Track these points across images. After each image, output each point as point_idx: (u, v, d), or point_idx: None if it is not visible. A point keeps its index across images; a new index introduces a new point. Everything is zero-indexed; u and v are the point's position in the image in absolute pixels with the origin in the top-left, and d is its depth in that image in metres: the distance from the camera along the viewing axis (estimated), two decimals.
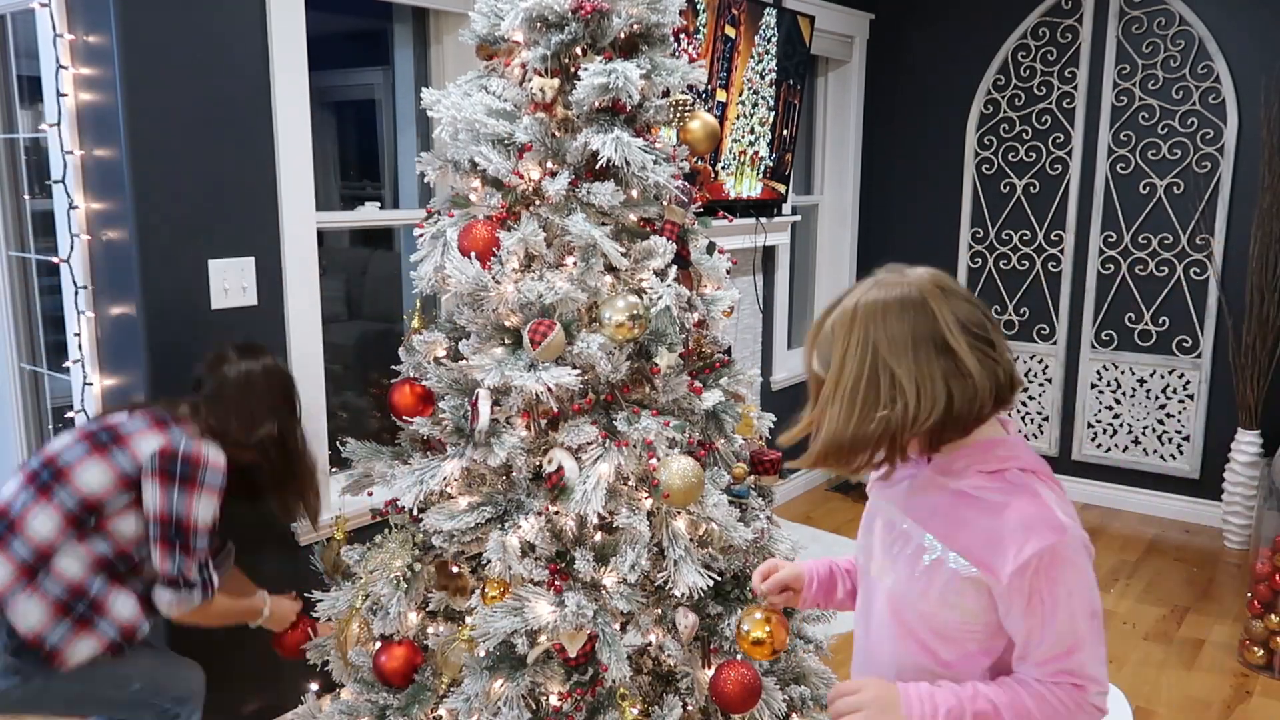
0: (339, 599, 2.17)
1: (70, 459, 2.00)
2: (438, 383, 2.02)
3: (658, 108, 2.04)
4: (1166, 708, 3.06)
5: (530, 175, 2.00)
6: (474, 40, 2.12)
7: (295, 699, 2.52)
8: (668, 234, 2.02)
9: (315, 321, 2.70)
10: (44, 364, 2.99)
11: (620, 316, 1.89)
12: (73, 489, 1.98)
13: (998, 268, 5.02)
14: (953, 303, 1.26)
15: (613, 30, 1.96)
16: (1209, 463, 4.56)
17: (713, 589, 2.01)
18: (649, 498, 1.93)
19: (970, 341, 1.24)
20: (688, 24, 3.51)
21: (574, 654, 1.87)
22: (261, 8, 2.47)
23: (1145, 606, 3.77)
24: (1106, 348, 4.77)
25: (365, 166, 3.52)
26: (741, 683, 1.92)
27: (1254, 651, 3.29)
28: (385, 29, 3.23)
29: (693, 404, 2.04)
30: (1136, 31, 4.51)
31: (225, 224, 2.46)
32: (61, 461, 2.00)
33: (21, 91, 2.84)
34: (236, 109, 2.44)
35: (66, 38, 2.32)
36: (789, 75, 4.23)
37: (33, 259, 2.92)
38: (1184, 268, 4.53)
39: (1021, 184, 4.89)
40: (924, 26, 5.07)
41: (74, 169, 2.39)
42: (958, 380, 1.23)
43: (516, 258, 1.95)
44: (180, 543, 2.01)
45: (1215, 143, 4.38)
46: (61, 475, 1.99)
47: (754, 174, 4.18)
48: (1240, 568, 4.15)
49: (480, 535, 1.98)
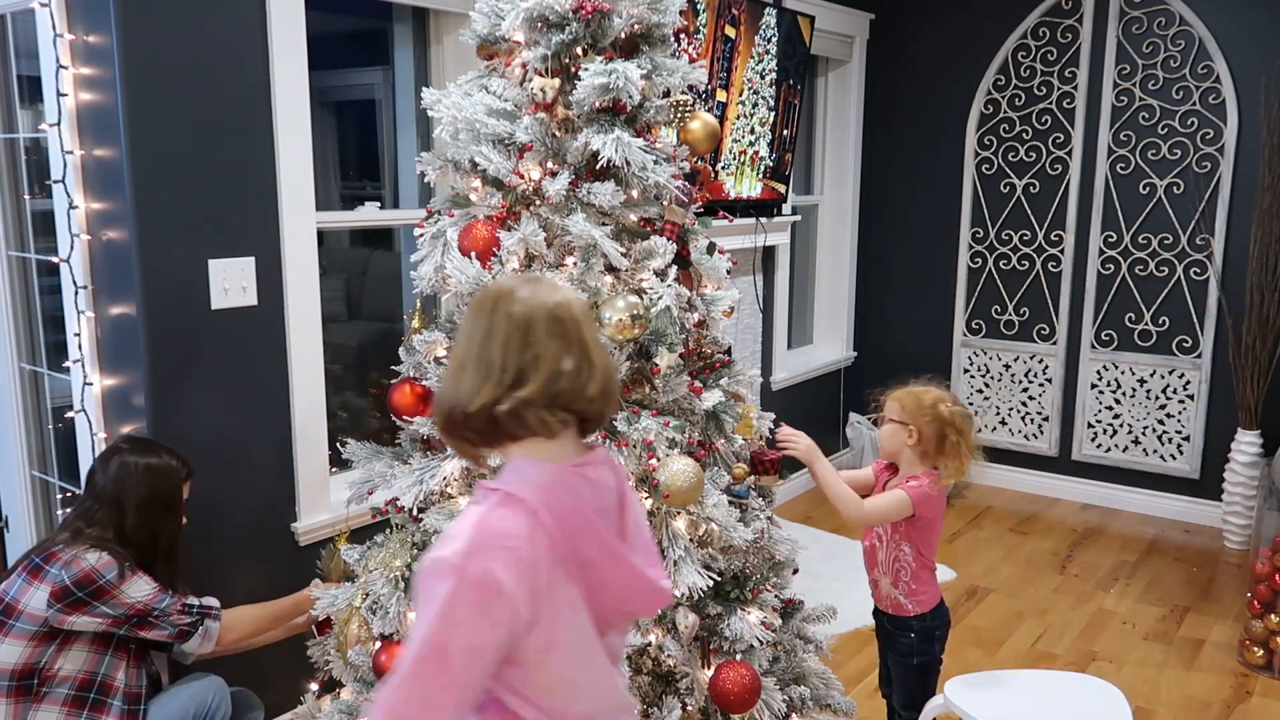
0: (339, 598, 2.18)
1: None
2: (437, 383, 2.02)
3: (658, 108, 2.04)
4: (1166, 708, 3.06)
5: (530, 175, 2.00)
6: (474, 40, 2.12)
7: (295, 699, 2.52)
8: (668, 234, 2.02)
9: (315, 321, 2.70)
10: (44, 364, 2.99)
11: (620, 316, 1.89)
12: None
13: (998, 268, 5.02)
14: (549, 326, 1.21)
15: (613, 30, 1.96)
16: (1209, 463, 4.56)
17: (713, 589, 2.01)
18: (649, 498, 1.93)
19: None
20: (688, 24, 3.51)
21: None
22: (261, 8, 2.47)
23: (1145, 606, 3.77)
24: (1106, 348, 4.77)
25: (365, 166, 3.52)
26: (741, 683, 1.93)
27: (1254, 651, 3.29)
28: (385, 29, 3.22)
29: (693, 404, 2.04)
30: (1136, 31, 4.51)
31: (225, 224, 2.46)
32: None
33: (21, 91, 2.84)
34: (236, 109, 2.44)
35: (66, 38, 2.32)
36: (789, 75, 4.23)
37: (33, 259, 2.92)
38: (1184, 268, 4.53)
39: (1021, 184, 4.89)
40: (924, 26, 5.07)
41: (74, 169, 2.39)
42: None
43: (517, 258, 1.95)
44: (152, 617, 2.04)
45: (1215, 143, 4.38)
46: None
47: (754, 174, 4.18)
48: (1240, 568, 4.15)
49: None
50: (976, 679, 2.34)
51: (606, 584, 1.26)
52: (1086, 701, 2.26)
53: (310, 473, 2.72)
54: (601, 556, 1.24)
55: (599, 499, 1.28)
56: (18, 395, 3.02)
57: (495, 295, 1.25)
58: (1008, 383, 5.07)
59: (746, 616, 2.04)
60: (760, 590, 2.10)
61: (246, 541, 2.60)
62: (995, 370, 5.10)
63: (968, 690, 2.28)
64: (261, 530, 2.62)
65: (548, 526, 1.19)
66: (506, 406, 1.20)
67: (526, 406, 1.20)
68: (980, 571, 4.06)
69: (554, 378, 1.21)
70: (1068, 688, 2.34)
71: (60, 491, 3.03)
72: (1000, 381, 5.10)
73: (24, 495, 3.08)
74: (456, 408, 1.23)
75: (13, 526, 3.14)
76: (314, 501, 2.73)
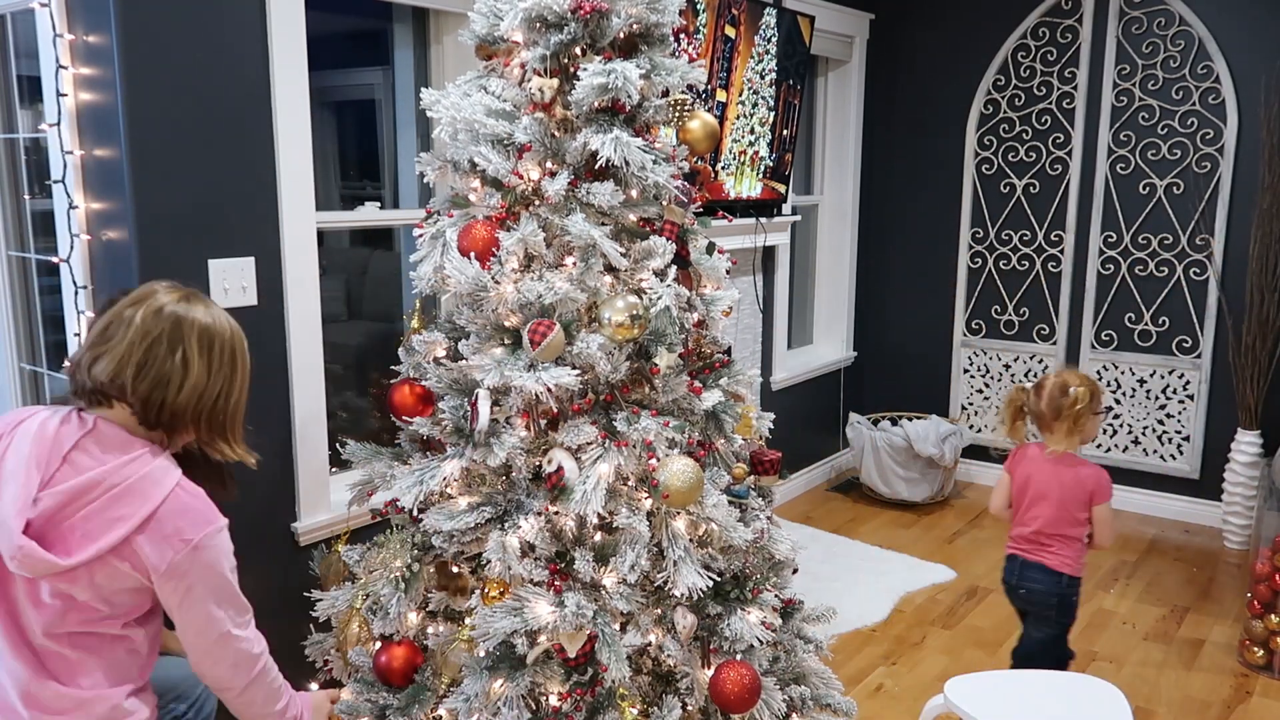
0: (339, 599, 2.18)
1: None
2: (437, 383, 2.03)
3: (657, 108, 2.04)
4: (1166, 708, 3.06)
5: (530, 175, 2.00)
6: (474, 40, 2.12)
7: None
8: (667, 234, 2.02)
9: (315, 321, 2.70)
10: (44, 364, 2.99)
11: (620, 316, 1.89)
12: None
13: (998, 268, 5.02)
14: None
15: (612, 30, 1.96)
16: (1209, 463, 4.56)
17: (712, 589, 2.01)
18: (649, 498, 1.93)
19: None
20: (687, 24, 3.51)
21: (574, 654, 1.87)
22: (261, 8, 2.47)
23: (1145, 606, 3.77)
24: (1106, 348, 4.77)
25: (365, 166, 3.51)
26: (741, 683, 1.93)
27: (1254, 651, 3.29)
28: (385, 29, 3.22)
29: (692, 404, 2.04)
30: (1136, 31, 4.51)
31: (225, 224, 2.46)
32: None
33: (21, 91, 2.84)
34: (236, 109, 2.44)
35: (66, 38, 2.32)
36: (789, 75, 4.23)
37: (33, 259, 2.92)
38: (1184, 268, 4.53)
39: (1021, 184, 4.89)
40: (924, 26, 5.07)
41: (74, 169, 2.39)
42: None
43: (516, 258, 1.95)
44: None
45: (1215, 143, 4.38)
46: None
47: (754, 174, 4.18)
48: (1240, 568, 4.15)
49: (480, 535, 1.98)
50: (976, 679, 2.34)
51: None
52: (1086, 701, 2.26)
53: (310, 473, 2.72)
54: None
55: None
56: (18, 395, 3.02)
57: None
58: (1007, 383, 5.07)
59: (746, 616, 2.04)
60: (760, 590, 2.10)
61: (246, 542, 2.58)
62: (995, 370, 5.10)
63: (968, 690, 2.28)
64: (261, 530, 2.62)
65: None
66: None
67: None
68: (980, 571, 4.05)
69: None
70: (1068, 688, 2.34)
71: None
72: (1000, 382, 5.10)
73: None
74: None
75: None
76: (314, 502, 2.73)
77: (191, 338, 1.58)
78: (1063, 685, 2.36)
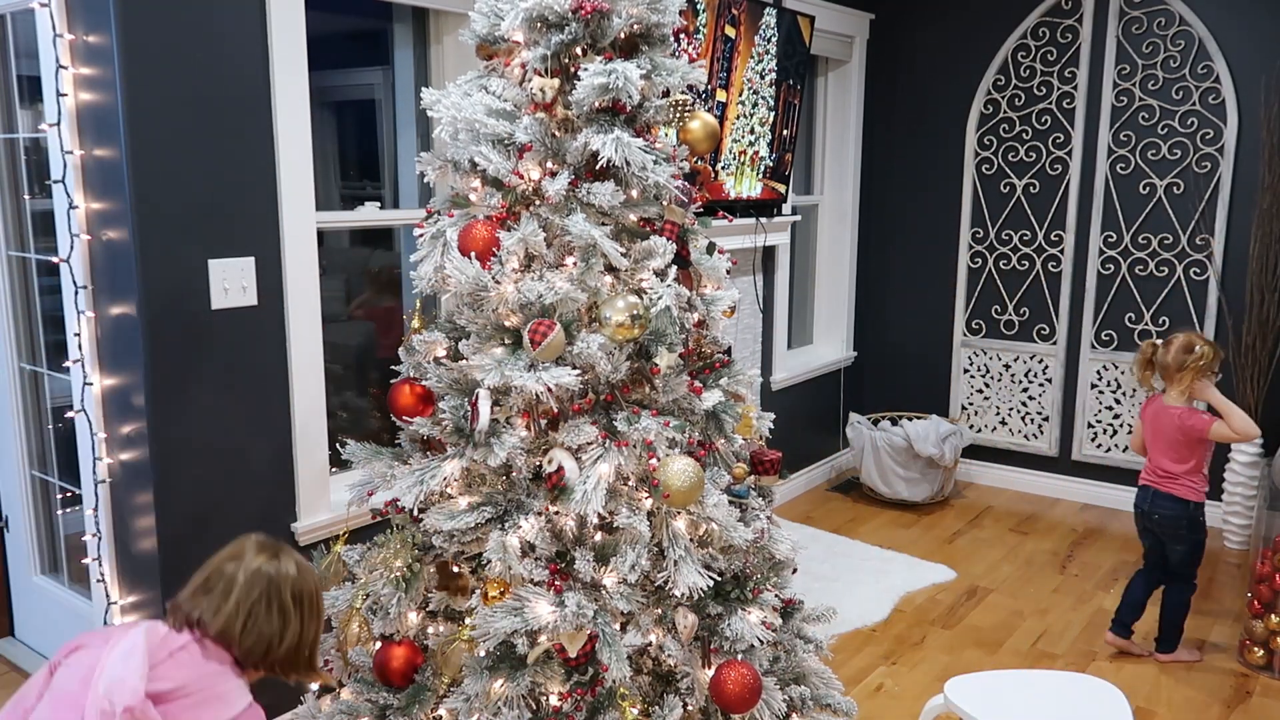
0: (339, 599, 2.17)
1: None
2: (438, 383, 2.02)
3: (658, 108, 2.04)
4: (1166, 708, 3.06)
5: (530, 175, 2.00)
6: (474, 40, 2.12)
7: (295, 699, 2.52)
8: (668, 234, 2.02)
9: (315, 321, 2.70)
10: (44, 364, 2.99)
11: (620, 316, 1.89)
12: None
13: (998, 268, 5.02)
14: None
15: (613, 30, 1.96)
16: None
17: (713, 589, 2.01)
18: (649, 498, 1.93)
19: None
20: (688, 24, 3.51)
21: (574, 654, 1.87)
22: (261, 8, 2.47)
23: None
24: (1106, 348, 4.77)
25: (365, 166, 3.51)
26: (741, 683, 1.93)
27: (1254, 651, 3.29)
28: (385, 29, 3.23)
29: (693, 404, 2.04)
30: (1136, 31, 4.51)
31: (225, 224, 2.46)
32: None
33: (21, 91, 2.84)
34: (236, 109, 2.44)
35: (66, 38, 2.32)
36: (789, 75, 4.23)
37: (33, 259, 2.92)
38: (1184, 268, 4.53)
39: (1021, 184, 4.89)
40: (924, 27, 5.07)
41: (74, 169, 2.39)
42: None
43: (516, 258, 1.95)
44: None
45: (1215, 143, 4.38)
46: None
47: (754, 174, 4.18)
48: (1240, 568, 4.14)
49: (480, 535, 1.98)
50: (976, 679, 2.34)
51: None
52: (1086, 701, 2.26)
53: (310, 473, 2.72)
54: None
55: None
56: (18, 395, 3.02)
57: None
58: (1008, 383, 5.08)
59: (747, 616, 2.04)
60: (760, 590, 2.10)
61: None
62: (995, 370, 5.10)
63: (968, 690, 2.28)
64: (261, 530, 2.61)
65: None
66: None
67: None
68: (980, 571, 4.06)
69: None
70: (1068, 688, 2.34)
71: (60, 491, 3.03)
72: (1000, 381, 5.10)
73: (24, 495, 3.08)
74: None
75: (12, 526, 3.15)
76: (314, 502, 2.74)
77: (285, 593, 1.73)
78: (1063, 685, 2.36)
